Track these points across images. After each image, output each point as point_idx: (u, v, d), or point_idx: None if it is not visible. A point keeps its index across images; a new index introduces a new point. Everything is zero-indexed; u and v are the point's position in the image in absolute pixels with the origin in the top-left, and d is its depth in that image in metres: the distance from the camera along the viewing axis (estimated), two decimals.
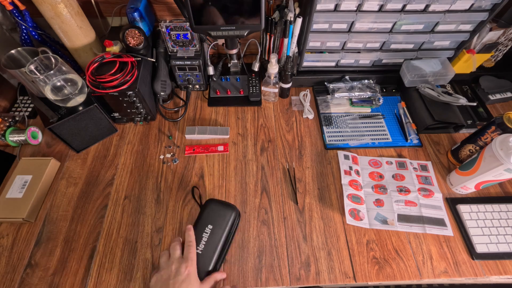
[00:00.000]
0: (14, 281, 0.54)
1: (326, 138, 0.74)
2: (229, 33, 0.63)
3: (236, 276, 0.55)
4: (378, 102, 0.79)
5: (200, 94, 0.84)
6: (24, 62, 0.65)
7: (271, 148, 0.72)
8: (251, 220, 0.61)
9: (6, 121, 0.72)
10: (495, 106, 0.80)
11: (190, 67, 0.76)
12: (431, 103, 0.73)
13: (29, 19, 0.71)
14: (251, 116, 0.79)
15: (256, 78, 0.83)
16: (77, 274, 0.55)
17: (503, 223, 0.59)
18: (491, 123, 0.60)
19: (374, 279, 0.54)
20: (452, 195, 0.64)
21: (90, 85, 0.65)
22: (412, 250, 0.57)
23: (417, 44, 0.74)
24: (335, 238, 0.59)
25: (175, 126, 0.77)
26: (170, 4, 0.79)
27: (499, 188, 0.65)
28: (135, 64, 0.68)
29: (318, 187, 0.66)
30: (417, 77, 0.75)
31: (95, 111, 0.66)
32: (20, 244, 0.58)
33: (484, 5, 0.64)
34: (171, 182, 0.66)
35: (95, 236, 0.59)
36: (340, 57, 0.77)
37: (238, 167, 0.69)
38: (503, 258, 0.56)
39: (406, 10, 0.65)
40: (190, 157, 0.71)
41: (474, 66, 0.79)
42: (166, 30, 0.70)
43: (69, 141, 0.67)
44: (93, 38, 0.75)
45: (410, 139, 0.73)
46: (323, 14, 0.65)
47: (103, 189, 0.65)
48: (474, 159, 0.58)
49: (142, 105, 0.71)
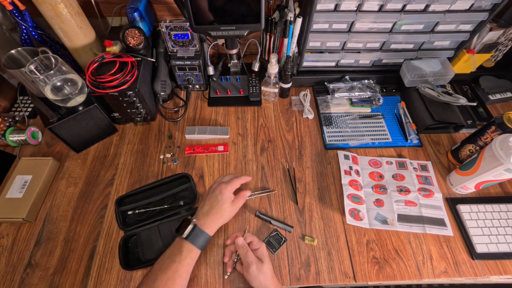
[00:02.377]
0: (14, 281, 0.54)
1: (326, 138, 0.74)
2: (229, 33, 0.63)
3: (236, 276, 0.55)
4: (378, 102, 0.79)
5: (200, 94, 0.84)
6: (24, 62, 0.65)
7: (271, 148, 0.72)
8: (250, 220, 0.61)
9: (6, 121, 0.72)
10: (495, 106, 0.80)
11: (190, 67, 0.76)
12: (431, 103, 0.73)
13: (29, 19, 0.71)
14: (251, 116, 0.79)
15: (256, 78, 0.83)
16: (77, 274, 0.55)
17: (503, 223, 0.59)
18: (491, 123, 0.60)
19: (374, 279, 0.54)
20: (452, 195, 0.64)
21: (90, 85, 0.65)
22: (412, 250, 0.57)
23: (417, 44, 0.74)
24: (335, 238, 0.59)
25: (175, 126, 0.77)
26: (170, 4, 0.79)
27: (499, 188, 0.65)
28: (135, 64, 0.68)
29: (318, 187, 0.66)
30: (417, 77, 0.75)
31: (95, 111, 0.66)
32: (20, 244, 0.58)
33: (484, 5, 0.64)
34: None
35: (95, 236, 0.59)
36: (340, 57, 0.77)
37: (238, 167, 0.69)
38: (503, 258, 0.56)
39: (406, 10, 0.65)
40: (190, 157, 0.71)
41: (474, 66, 0.79)
42: (166, 30, 0.70)
43: (69, 141, 0.67)
44: (93, 38, 0.75)
45: (410, 139, 0.73)
46: (323, 14, 0.65)
47: (103, 189, 0.65)
48: (474, 159, 0.58)
49: (142, 105, 0.71)
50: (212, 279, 0.54)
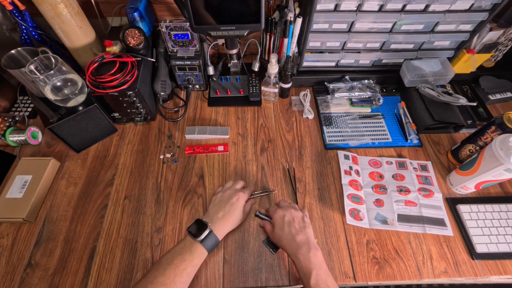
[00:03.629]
0: (14, 281, 0.54)
1: (326, 138, 0.74)
2: (229, 33, 0.63)
3: (236, 276, 0.55)
4: (378, 102, 0.79)
5: (200, 94, 0.84)
6: (24, 62, 0.65)
7: (271, 148, 0.72)
8: (251, 220, 0.61)
9: (6, 121, 0.72)
10: (495, 106, 0.80)
11: (190, 67, 0.76)
12: (431, 103, 0.73)
13: (29, 19, 0.71)
14: (251, 116, 0.79)
15: (256, 78, 0.83)
16: (77, 274, 0.55)
17: (503, 223, 0.59)
18: (491, 123, 0.60)
19: (374, 279, 0.54)
20: (452, 195, 0.64)
21: (90, 85, 0.65)
22: (412, 250, 0.57)
23: (417, 44, 0.74)
24: (335, 238, 0.59)
25: (175, 126, 0.77)
26: (170, 4, 0.79)
27: (499, 188, 0.65)
28: (135, 64, 0.68)
29: (318, 187, 0.66)
30: (417, 77, 0.75)
31: (95, 111, 0.66)
32: (20, 244, 0.58)
33: (484, 5, 0.64)
34: (171, 182, 0.66)
35: (95, 236, 0.59)
36: (340, 57, 0.77)
37: (238, 167, 0.69)
38: (503, 258, 0.56)
39: (406, 10, 0.65)
40: (190, 157, 0.71)
41: (474, 66, 0.79)
42: (166, 30, 0.70)
43: (69, 141, 0.67)
44: (93, 38, 0.75)
45: (410, 139, 0.73)
46: (323, 14, 0.65)
47: (103, 189, 0.65)
48: (474, 159, 0.58)
49: (142, 105, 0.71)
50: (212, 279, 0.54)
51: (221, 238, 0.53)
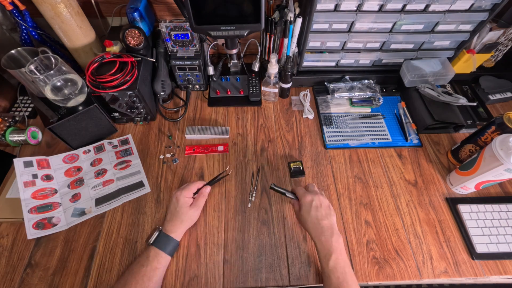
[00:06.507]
0: (14, 281, 0.54)
1: (326, 138, 0.74)
2: (229, 33, 0.63)
3: (236, 276, 0.55)
4: (378, 102, 0.79)
5: (200, 94, 0.84)
6: (24, 62, 0.65)
7: (271, 148, 0.72)
8: (251, 220, 0.61)
9: (6, 121, 0.72)
10: (495, 106, 0.80)
11: (190, 67, 0.76)
12: (431, 103, 0.73)
13: (29, 19, 0.71)
14: (251, 116, 0.79)
15: (256, 78, 0.83)
16: (77, 274, 0.55)
17: (503, 223, 0.59)
18: (491, 123, 0.60)
19: (374, 279, 0.54)
20: (452, 195, 0.64)
21: (90, 85, 0.65)
22: (412, 250, 0.57)
23: (417, 44, 0.74)
24: None
25: (175, 126, 0.77)
26: (170, 4, 0.79)
27: (499, 188, 0.65)
28: (135, 64, 0.69)
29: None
30: (417, 77, 0.75)
31: (95, 111, 0.66)
32: (20, 244, 0.58)
33: (484, 5, 0.64)
34: (171, 182, 0.66)
35: (95, 236, 0.59)
36: (340, 57, 0.77)
37: (238, 167, 0.69)
38: (503, 258, 0.56)
39: (406, 10, 0.65)
40: (190, 157, 0.71)
41: (474, 66, 0.79)
42: (166, 30, 0.70)
43: (69, 141, 0.67)
44: (93, 38, 0.75)
45: (410, 139, 0.73)
46: (323, 14, 0.65)
47: None
48: (474, 159, 0.58)
49: (142, 105, 0.71)
50: (212, 279, 0.54)
51: (179, 238, 0.56)
